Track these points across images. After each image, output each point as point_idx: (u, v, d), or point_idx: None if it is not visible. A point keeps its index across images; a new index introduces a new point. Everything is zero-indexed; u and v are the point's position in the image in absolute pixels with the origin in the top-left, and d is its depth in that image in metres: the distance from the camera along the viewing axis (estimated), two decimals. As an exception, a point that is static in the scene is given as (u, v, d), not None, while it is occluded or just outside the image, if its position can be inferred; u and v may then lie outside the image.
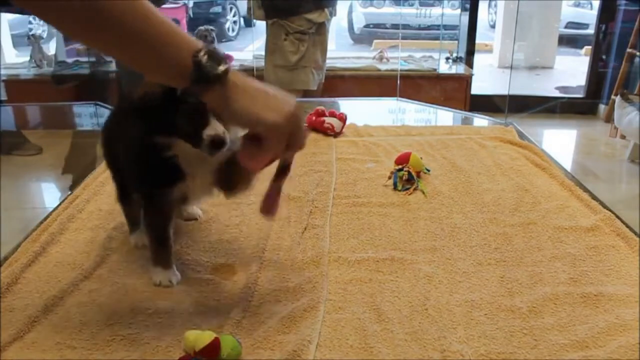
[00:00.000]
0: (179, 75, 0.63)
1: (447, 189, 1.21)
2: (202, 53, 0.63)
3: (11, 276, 0.86)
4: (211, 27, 4.02)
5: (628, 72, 4.03)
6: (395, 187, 1.20)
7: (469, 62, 4.33)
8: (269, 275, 0.89)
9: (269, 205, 0.80)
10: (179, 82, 0.65)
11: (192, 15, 5.13)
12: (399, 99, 2.09)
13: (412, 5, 6.16)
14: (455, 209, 1.12)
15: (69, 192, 1.20)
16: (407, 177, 1.21)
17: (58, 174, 3.20)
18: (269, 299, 0.82)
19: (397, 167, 1.23)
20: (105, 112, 3.12)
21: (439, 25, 4.87)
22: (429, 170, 1.28)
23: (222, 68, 0.63)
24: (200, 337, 0.67)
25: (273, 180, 0.79)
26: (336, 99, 1.86)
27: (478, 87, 4.31)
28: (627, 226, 1.03)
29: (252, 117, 0.65)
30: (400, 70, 3.75)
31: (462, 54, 4.39)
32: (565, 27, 6.72)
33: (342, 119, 1.58)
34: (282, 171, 0.78)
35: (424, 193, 1.19)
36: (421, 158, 1.27)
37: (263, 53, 2.26)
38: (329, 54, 2.20)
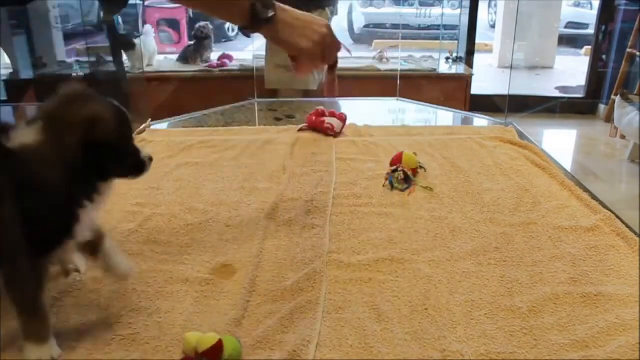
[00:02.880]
0: (241, 18, 0.91)
1: (447, 189, 1.21)
2: (257, 2, 0.89)
3: (11, 276, 0.86)
4: (207, 23, 4.30)
5: (628, 72, 4.03)
6: (392, 189, 1.20)
7: (469, 62, 4.33)
8: (269, 275, 0.89)
9: (330, 89, 1.07)
10: (241, 23, 0.92)
11: (192, 15, 5.14)
12: (399, 99, 2.09)
13: (412, 5, 6.15)
14: (455, 209, 1.12)
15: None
16: (402, 177, 1.21)
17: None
18: (268, 299, 0.82)
19: (391, 169, 1.23)
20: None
21: (439, 25, 4.86)
22: (422, 167, 1.28)
23: (270, 13, 0.91)
24: (204, 339, 0.67)
25: (327, 73, 1.06)
26: (336, 99, 1.86)
27: (478, 87, 4.31)
28: (627, 226, 1.03)
29: (291, 45, 0.94)
30: (400, 70, 3.74)
31: (462, 54, 4.38)
32: (565, 27, 6.72)
33: (342, 119, 1.58)
34: (330, 68, 1.05)
35: (429, 189, 1.19)
36: (415, 154, 1.27)
37: (263, 53, 2.26)
38: (329, 54, 2.20)
